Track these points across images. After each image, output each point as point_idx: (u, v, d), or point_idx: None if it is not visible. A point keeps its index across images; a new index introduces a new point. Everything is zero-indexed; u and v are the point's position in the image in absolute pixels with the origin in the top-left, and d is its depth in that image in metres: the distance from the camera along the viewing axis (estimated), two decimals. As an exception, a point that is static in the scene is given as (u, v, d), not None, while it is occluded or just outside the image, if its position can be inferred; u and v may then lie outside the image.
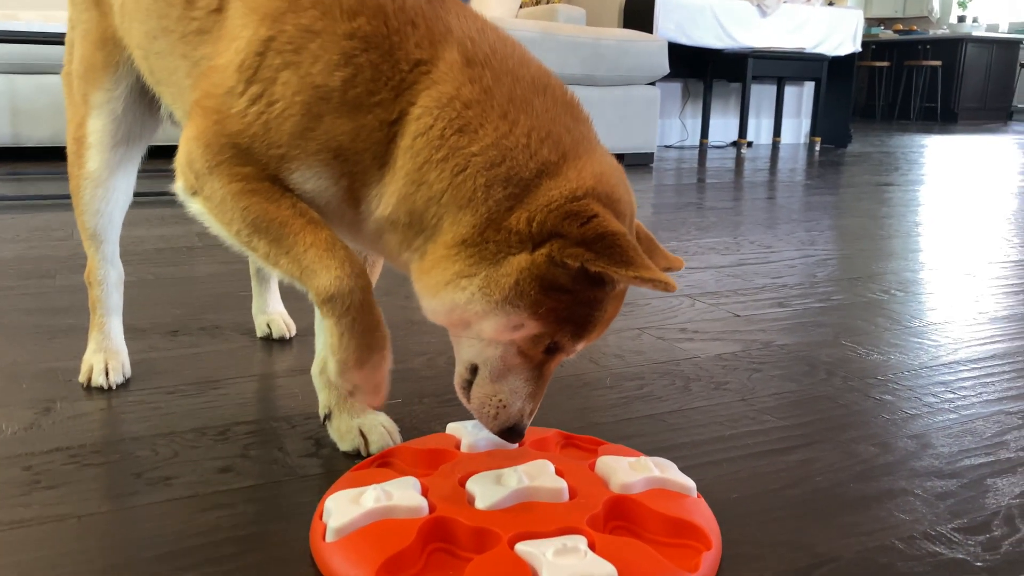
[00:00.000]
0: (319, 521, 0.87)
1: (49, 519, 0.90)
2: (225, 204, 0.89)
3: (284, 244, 0.88)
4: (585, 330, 0.85)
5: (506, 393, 0.89)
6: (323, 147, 0.85)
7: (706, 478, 1.02)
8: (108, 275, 1.31)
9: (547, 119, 0.84)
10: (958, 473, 1.06)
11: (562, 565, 0.76)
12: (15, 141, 3.86)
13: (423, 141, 0.83)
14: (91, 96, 1.19)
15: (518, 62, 0.87)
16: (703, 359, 1.48)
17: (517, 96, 0.84)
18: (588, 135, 0.88)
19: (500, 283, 0.81)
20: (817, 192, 3.86)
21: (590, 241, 0.78)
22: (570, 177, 0.82)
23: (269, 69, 0.85)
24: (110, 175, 1.23)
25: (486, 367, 0.89)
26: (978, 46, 10.55)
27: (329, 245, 0.87)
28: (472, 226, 0.82)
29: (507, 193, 0.81)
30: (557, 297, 0.81)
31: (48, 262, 2.05)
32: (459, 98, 0.82)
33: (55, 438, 1.10)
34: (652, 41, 4.81)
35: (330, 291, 0.86)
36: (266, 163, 0.87)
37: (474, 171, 0.81)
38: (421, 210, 0.84)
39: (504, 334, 0.85)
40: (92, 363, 1.28)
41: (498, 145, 0.81)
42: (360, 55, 0.83)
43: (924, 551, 0.88)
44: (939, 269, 2.29)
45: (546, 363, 0.89)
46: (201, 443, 1.10)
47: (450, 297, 0.84)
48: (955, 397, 1.33)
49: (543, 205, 0.80)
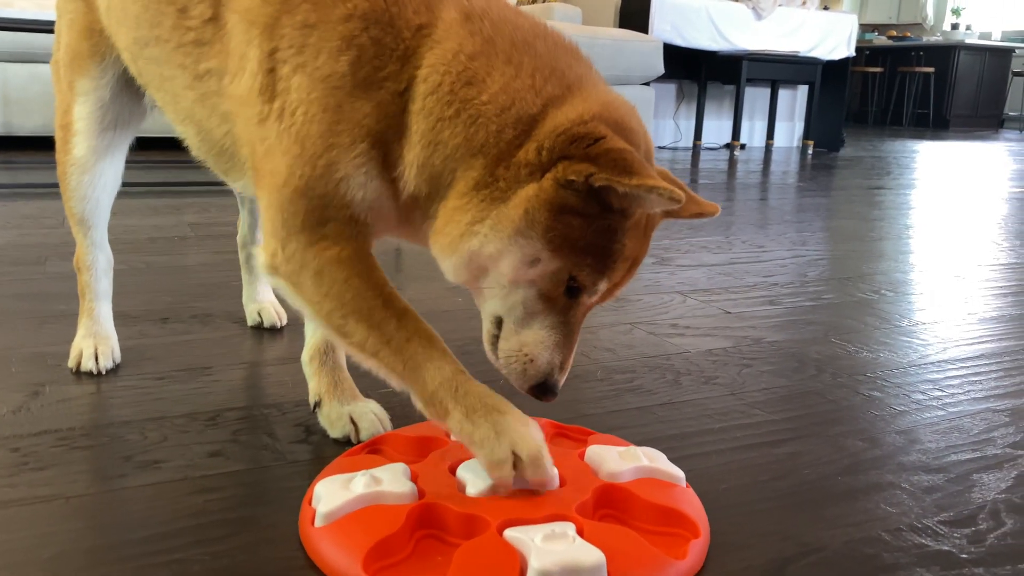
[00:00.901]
0: (308, 506, 0.87)
1: (37, 500, 0.90)
2: (320, 278, 0.85)
3: (384, 331, 0.84)
4: (605, 264, 0.82)
5: (532, 344, 0.86)
6: (355, 137, 0.83)
7: (695, 469, 1.02)
8: (97, 260, 1.31)
9: (550, 59, 0.84)
10: (945, 468, 1.07)
11: (550, 550, 0.77)
12: (7, 130, 3.83)
13: (433, 100, 0.83)
14: (77, 83, 1.19)
15: (514, 12, 0.89)
16: (694, 354, 1.49)
17: (519, 40, 0.84)
18: (591, 74, 0.88)
19: (511, 216, 0.80)
20: (809, 194, 3.88)
21: (594, 157, 0.77)
22: (576, 104, 0.81)
23: (283, 80, 0.85)
24: (97, 161, 1.23)
25: (510, 316, 0.86)
26: (971, 54, 10.61)
27: (429, 336, 0.86)
28: (483, 168, 0.82)
29: (517, 132, 0.81)
30: (568, 221, 0.79)
31: (39, 249, 2.04)
32: (463, 52, 0.83)
33: (44, 421, 1.09)
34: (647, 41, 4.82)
35: (437, 382, 0.85)
36: (330, 195, 0.83)
37: (486, 120, 0.82)
38: (439, 173, 0.84)
39: (521, 271, 0.83)
40: (82, 348, 1.28)
41: (507, 89, 0.82)
42: (361, 34, 0.83)
43: (910, 543, 0.89)
44: (929, 271, 2.30)
45: (572, 309, 0.86)
46: (191, 428, 1.09)
47: (466, 247, 0.82)
48: (943, 395, 1.34)
49: (550, 131, 0.80)
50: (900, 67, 10.79)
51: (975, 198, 3.98)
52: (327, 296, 0.85)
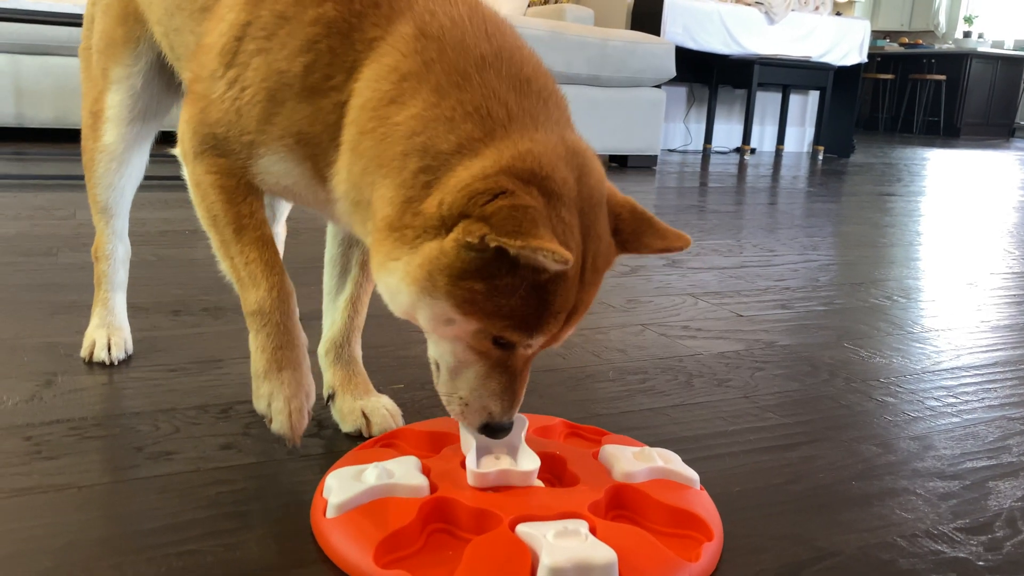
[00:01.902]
0: (320, 497, 0.87)
1: (49, 488, 0.90)
2: (198, 189, 0.95)
3: (231, 249, 0.95)
4: (531, 322, 0.77)
5: (466, 390, 0.84)
6: (285, 132, 0.86)
7: (708, 471, 1.01)
8: (116, 250, 1.31)
9: (482, 94, 0.79)
10: (960, 475, 1.06)
11: (562, 547, 0.76)
12: (19, 121, 3.85)
13: (358, 112, 0.82)
14: (111, 71, 1.19)
15: (478, 36, 0.83)
16: (705, 356, 1.48)
17: (459, 69, 0.80)
18: (533, 110, 0.81)
19: (415, 274, 0.77)
20: (819, 199, 3.87)
21: (489, 216, 0.72)
22: (487, 156, 0.76)
23: (244, 54, 0.86)
24: (125, 149, 1.23)
25: (442, 363, 0.85)
26: (983, 62, 10.58)
27: (268, 265, 0.95)
28: (392, 204, 0.79)
29: (423, 165, 0.78)
30: (470, 286, 0.75)
31: (50, 240, 2.04)
32: (398, 70, 0.81)
33: (56, 410, 1.09)
34: (659, 44, 4.81)
35: (254, 307, 0.95)
36: (239, 151, 0.90)
37: (395, 139, 0.79)
38: (359, 181, 0.83)
39: (438, 328, 0.80)
40: (95, 338, 1.28)
41: (421, 116, 0.79)
42: (321, 41, 0.83)
43: (926, 549, 0.88)
44: (941, 278, 2.29)
45: (508, 359, 0.82)
46: (202, 420, 1.09)
47: (384, 281, 0.81)
48: (957, 401, 1.33)
49: (453, 186, 0.75)
50: (911, 74, 10.76)
51: (986, 206, 3.96)
52: (198, 204, 0.96)
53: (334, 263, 1.12)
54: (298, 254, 2.02)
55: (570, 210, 0.77)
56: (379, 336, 1.45)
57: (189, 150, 0.94)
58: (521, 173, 0.75)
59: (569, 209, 0.77)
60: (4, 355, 1.28)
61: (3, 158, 3.44)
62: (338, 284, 1.12)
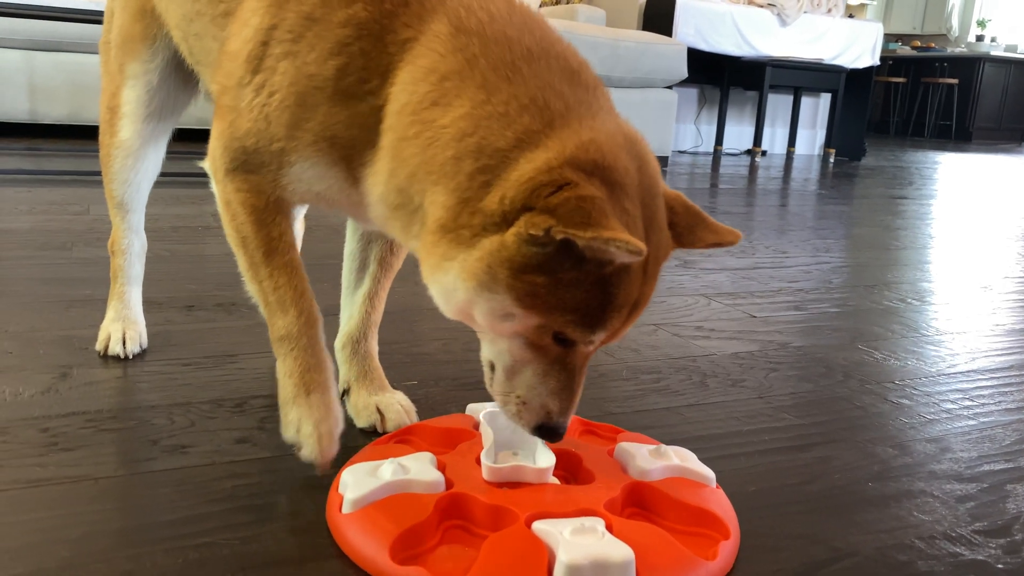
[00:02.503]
0: (336, 492, 0.87)
1: (65, 480, 0.90)
2: (228, 208, 0.94)
3: (260, 272, 0.95)
4: (593, 318, 0.75)
5: (523, 389, 0.82)
6: (318, 136, 0.85)
7: (723, 470, 1.01)
8: (132, 244, 1.32)
9: (535, 86, 0.77)
10: (978, 478, 1.05)
11: (579, 544, 0.76)
12: (32, 117, 3.87)
13: (397, 118, 0.80)
14: (127, 67, 1.19)
15: (519, 28, 0.82)
16: (719, 356, 1.48)
17: (505, 63, 0.78)
18: (588, 100, 0.80)
19: (474, 268, 0.75)
20: (831, 202, 3.85)
21: (554, 208, 0.70)
22: (550, 147, 0.74)
23: (271, 58, 0.85)
24: (141, 145, 1.23)
25: (499, 362, 0.83)
26: (996, 66, 10.52)
27: (297, 291, 0.94)
28: (446, 208, 0.77)
29: (479, 165, 0.75)
30: (532, 280, 0.73)
31: (64, 235, 2.05)
32: (436, 71, 0.79)
33: (72, 403, 1.10)
34: (671, 44, 4.80)
35: (282, 332, 0.95)
36: (268, 162, 0.88)
37: (443, 143, 0.77)
38: (405, 187, 0.81)
39: (496, 324, 0.78)
40: (110, 331, 1.28)
41: (471, 115, 0.76)
42: (353, 43, 0.82)
43: (944, 551, 0.87)
44: (954, 281, 2.27)
45: (567, 356, 0.80)
46: (218, 414, 1.09)
47: (440, 283, 0.79)
48: (973, 404, 1.32)
49: (515, 181, 0.73)
50: (923, 78, 10.70)
51: (998, 211, 3.94)
52: (227, 223, 0.95)
53: (353, 258, 1.12)
54: (312, 250, 2.03)
55: (633, 201, 0.75)
56: (391, 333, 1.45)
57: (220, 167, 0.92)
58: (585, 164, 0.73)
59: (632, 200, 0.75)
60: (20, 347, 1.28)
61: (17, 154, 3.46)
62: (356, 279, 1.12)
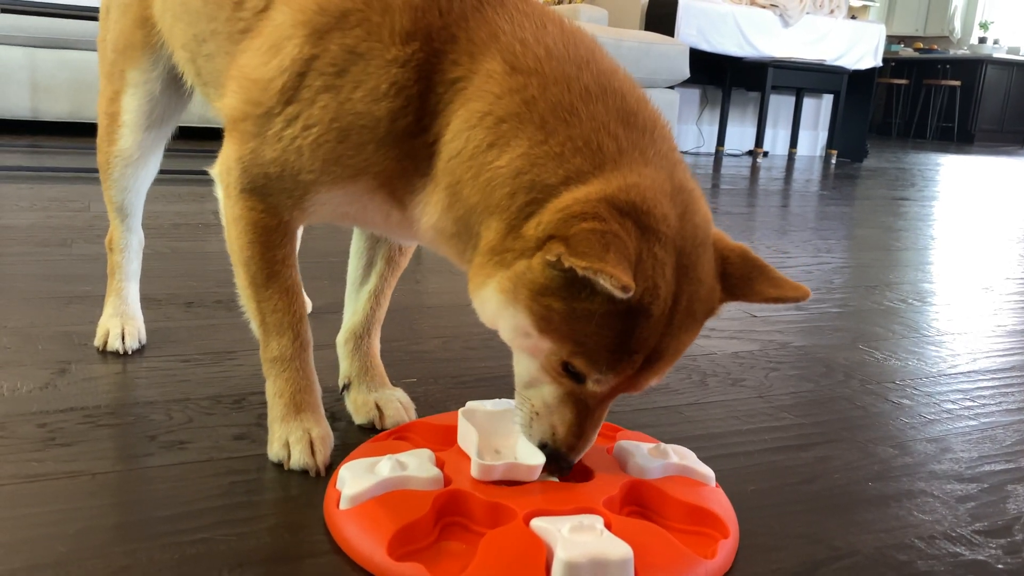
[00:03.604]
0: (333, 489, 0.86)
1: (63, 475, 0.90)
2: (236, 225, 0.93)
3: (260, 293, 0.95)
4: (602, 357, 0.75)
5: (538, 402, 0.83)
6: (360, 172, 0.84)
7: (723, 469, 1.01)
8: (130, 241, 1.32)
9: (591, 128, 0.77)
10: (978, 478, 1.05)
11: (578, 542, 0.75)
12: (34, 115, 3.87)
13: (456, 163, 0.80)
14: (128, 73, 1.18)
15: (577, 65, 0.81)
16: (719, 356, 1.47)
17: (564, 104, 0.78)
18: (641, 144, 0.79)
19: (504, 285, 0.77)
20: (833, 203, 3.85)
21: (571, 236, 0.71)
22: (594, 184, 0.75)
23: (309, 90, 0.82)
24: (141, 155, 1.23)
25: (520, 379, 0.85)
26: (998, 68, 10.51)
27: (294, 315, 0.96)
28: (497, 232, 0.79)
29: (529, 198, 0.77)
30: (548, 304, 0.74)
31: (65, 231, 2.05)
32: (492, 114, 0.79)
33: (70, 398, 1.09)
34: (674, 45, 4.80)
35: (275, 353, 0.97)
36: (291, 189, 0.87)
37: (500, 182, 0.78)
38: (464, 220, 0.82)
39: (516, 340, 0.80)
40: (108, 327, 1.28)
41: (527, 155, 0.77)
42: (412, 85, 0.80)
43: (945, 551, 0.87)
44: (955, 282, 2.27)
45: (581, 392, 0.80)
46: (216, 410, 1.09)
47: (478, 297, 0.81)
48: (974, 405, 1.31)
49: (552, 208, 0.75)
50: (926, 79, 10.70)
51: (1000, 212, 3.93)
52: (233, 239, 0.95)
53: (360, 255, 1.11)
54: (310, 249, 2.02)
55: (665, 248, 0.74)
56: (391, 330, 1.45)
57: (234, 184, 0.90)
58: (622, 204, 0.73)
59: (664, 247, 0.74)
60: (19, 343, 1.28)
61: (19, 151, 3.46)
62: (363, 275, 1.11)
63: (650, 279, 0.73)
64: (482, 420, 0.95)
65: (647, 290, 0.73)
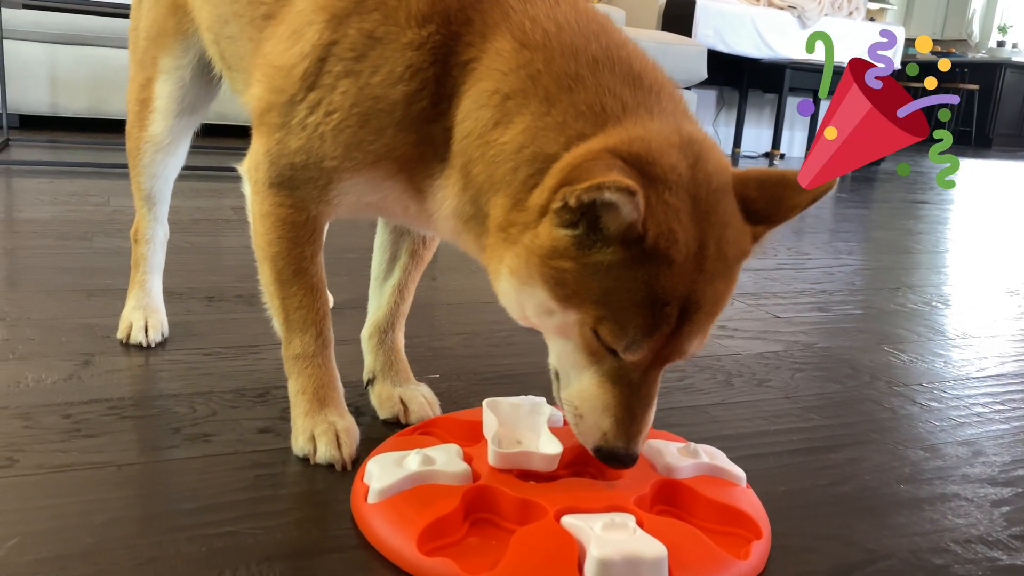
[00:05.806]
0: (361, 482, 0.85)
1: (89, 466, 0.89)
2: (264, 221, 0.92)
3: (285, 290, 0.94)
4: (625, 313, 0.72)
5: (579, 400, 0.80)
6: (381, 157, 0.83)
7: (752, 470, 0.99)
8: (156, 233, 1.32)
9: (596, 92, 0.76)
10: (1012, 482, 1.03)
11: (611, 540, 0.74)
12: (53, 110, 3.88)
13: (467, 143, 0.80)
14: (160, 60, 1.18)
15: (586, 37, 0.80)
16: (744, 356, 1.46)
17: (569, 73, 0.77)
18: (648, 102, 0.78)
19: (514, 264, 0.76)
20: (851, 205, 3.81)
21: (573, 179, 0.69)
22: (594, 141, 0.74)
23: (329, 76, 0.82)
24: (172, 141, 1.23)
25: (559, 367, 0.82)
26: (1017, 72, 10.41)
27: (318, 313, 0.95)
28: (503, 208, 0.78)
29: (532, 170, 0.76)
30: (562, 265, 0.72)
31: (85, 225, 2.05)
32: (499, 92, 0.78)
33: (94, 390, 1.09)
34: (691, 46, 4.78)
35: (298, 350, 0.96)
36: (317, 178, 0.87)
37: (504, 157, 0.78)
38: (476, 199, 0.81)
39: (542, 322, 0.78)
40: (131, 320, 1.28)
41: (529, 128, 0.77)
42: (428, 68, 0.80)
43: (982, 555, 0.85)
44: (980, 285, 2.24)
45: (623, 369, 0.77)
46: (240, 404, 1.09)
47: (498, 288, 0.80)
48: (1004, 408, 1.29)
49: (554, 172, 0.74)
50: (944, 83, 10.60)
51: (1020, 216, 3.89)
52: (260, 235, 0.94)
53: (384, 249, 1.11)
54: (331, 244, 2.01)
55: (677, 194, 0.72)
56: (411, 327, 1.44)
57: (262, 179, 0.90)
58: (625, 155, 0.72)
59: (676, 193, 0.72)
60: (43, 335, 1.28)
61: (39, 146, 3.48)
62: (387, 270, 1.11)
63: (663, 224, 0.70)
64: (506, 411, 0.93)
65: (661, 234, 0.70)
